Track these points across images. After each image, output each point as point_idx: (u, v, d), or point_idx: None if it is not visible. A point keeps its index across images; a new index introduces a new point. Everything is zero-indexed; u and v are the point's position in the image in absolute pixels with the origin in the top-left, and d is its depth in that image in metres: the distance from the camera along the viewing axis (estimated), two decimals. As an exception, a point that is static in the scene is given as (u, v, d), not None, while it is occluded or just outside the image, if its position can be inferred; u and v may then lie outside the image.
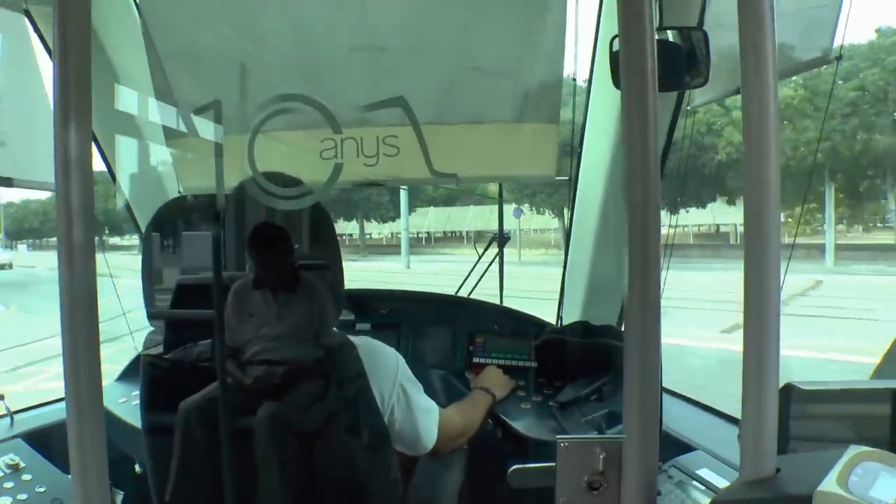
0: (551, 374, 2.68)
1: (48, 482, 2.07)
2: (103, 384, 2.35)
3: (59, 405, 2.48)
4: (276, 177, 1.98)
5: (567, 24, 2.44)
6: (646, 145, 1.09)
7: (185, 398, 1.89)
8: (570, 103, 3.01)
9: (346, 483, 1.92)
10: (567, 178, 2.95)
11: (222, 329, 1.91)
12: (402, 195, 12.28)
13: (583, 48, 2.71)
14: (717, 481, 1.84)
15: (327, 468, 1.90)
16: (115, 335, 2.40)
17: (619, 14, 1.12)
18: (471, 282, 3.16)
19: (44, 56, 2.23)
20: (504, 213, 3.43)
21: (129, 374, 2.72)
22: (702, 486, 1.85)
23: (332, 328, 1.97)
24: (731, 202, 26.95)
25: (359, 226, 31.35)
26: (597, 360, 2.52)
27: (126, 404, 2.46)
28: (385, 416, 1.90)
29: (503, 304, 3.07)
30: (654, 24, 2.09)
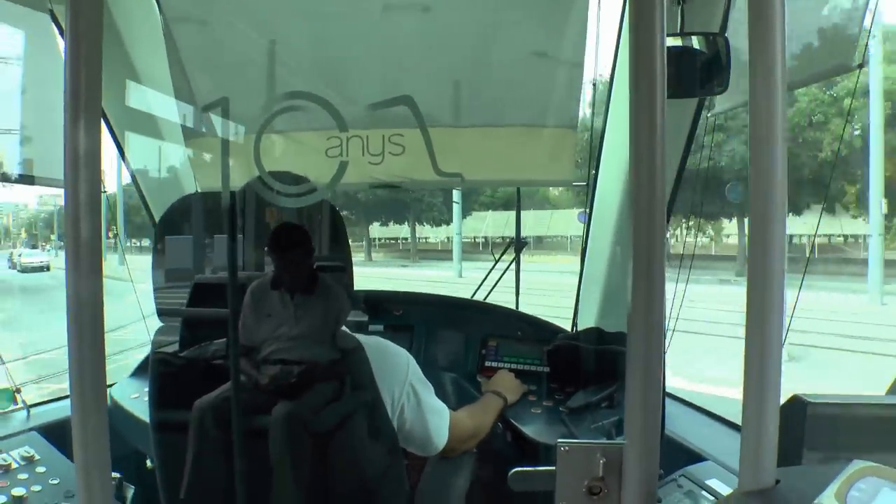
0: (563, 380, 2.67)
1: (62, 475, 2.09)
2: (118, 381, 2.37)
3: None
4: (283, 175, 1.98)
5: (589, 29, 2.43)
6: (652, 151, 1.08)
7: (195, 396, 1.90)
8: (591, 108, 3.00)
9: (354, 484, 1.92)
10: (584, 184, 2.95)
11: (236, 328, 1.92)
12: (455, 195, 11.47)
13: (604, 52, 2.71)
14: (727, 491, 1.83)
15: (337, 469, 1.91)
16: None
17: (629, 18, 1.11)
18: (488, 286, 3.17)
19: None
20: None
21: (142, 371, 2.74)
22: (711, 497, 1.83)
23: (343, 329, 1.97)
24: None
25: (410, 229, 29.59)
26: (608, 367, 2.50)
27: (139, 400, 2.49)
28: (395, 415, 1.90)
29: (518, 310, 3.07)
30: (673, 29, 2.11)
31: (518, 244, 3.23)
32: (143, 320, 2.42)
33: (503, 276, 3.18)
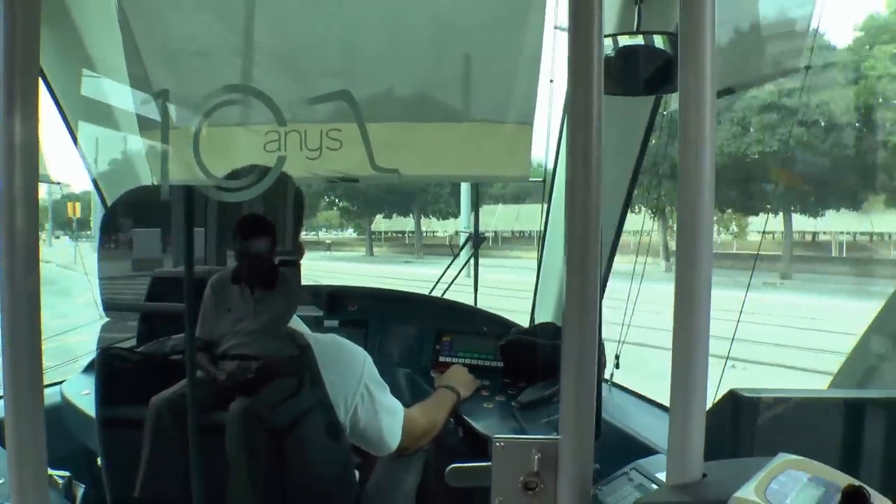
0: (516, 375, 2.68)
1: (6, 474, 2.05)
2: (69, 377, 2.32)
3: None
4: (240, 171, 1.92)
5: (546, 26, 2.44)
6: (588, 147, 1.08)
7: (152, 392, 1.88)
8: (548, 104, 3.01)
9: (306, 481, 1.92)
10: (541, 181, 2.96)
11: (193, 323, 1.91)
12: (463, 186, 11.18)
13: (561, 49, 2.71)
14: None
15: (291, 465, 1.90)
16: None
17: (568, 14, 1.12)
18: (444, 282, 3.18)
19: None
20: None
21: (93, 367, 2.70)
22: (661, 490, 1.85)
23: (292, 326, 1.96)
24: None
25: (415, 222, 28.26)
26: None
27: (90, 397, 2.45)
28: (348, 415, 1.90)
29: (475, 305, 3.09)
30: (630, 28, 2.13)
31: (476, 240, 3.25)
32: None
33: (457, 271, 3.19)
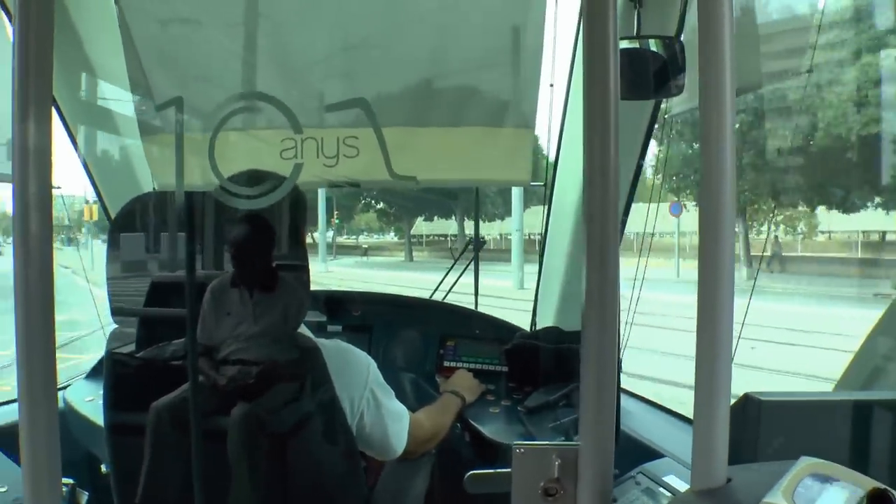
0: (521, 379, 2.68)
1: (10, 481, 2.03)
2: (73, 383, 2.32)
3: None
4: (238, 176, 1.94)
5: (546, 30, 2.44)
6: (606, 152, 1.08)
7: (153, 398, 1.88)
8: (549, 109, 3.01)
9: (312, 486, 1.91)
10: (542, 184, 2.97)
11: (194, 327, 1.90)
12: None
13: (562, 53, 2.72)
14: (684, 488, 1.85)
15: (295, 471, 1.90)
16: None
17: (583, 20, 1.12)
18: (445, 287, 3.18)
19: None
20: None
21: (97, 373, 2.69)
22: (669, 493, 1.85)
23: (300, 331, 1.96)
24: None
25: (458, 224, 24.13)
26: (566, 366, 2.52)
27: (93, 403, 2.44)
28: (355, 420, 1.89)
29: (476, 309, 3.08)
30: (630, 32, 2.14)
31: (476, 244, 3.26)
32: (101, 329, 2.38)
33: (458, 275, 3.19)
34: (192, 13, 2.33)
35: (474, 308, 3.11)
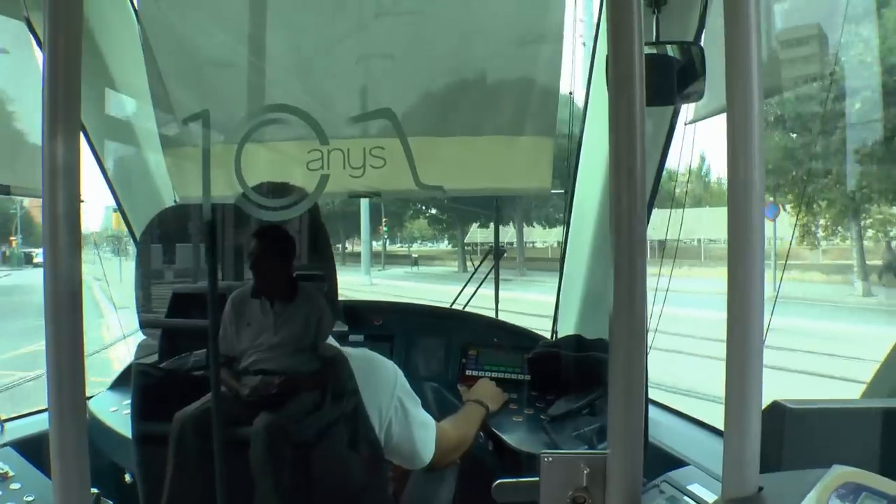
0: (544, 388, 2.67)
1: (37, 491, 2.04)
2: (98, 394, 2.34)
3: None
4: (262, 187, 1.95)
5: (564, 37, 2.44)
6: (633, 160, 1.08)
7: (178, 408, 1.89)
8: (567, 117, 3.01)
9: (336, 496, 1.91)
10: (563, 192, 2.97)
11: (216, 338, 1.91)
12: None
13: (580, 61, 2.73)
14: (709, 497, 1.83)
15: (320, 481, 1.90)
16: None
17: (607, 27, 1.12)
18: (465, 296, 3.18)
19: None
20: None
21: (121, 384, 2.71)
22: (693, 502, 1.84)
23: (326, 340, 1.97)
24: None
25: (517, 231, 23.04)
26: (589, 374, 2.51)
27: (117, 413, 2.45)
28: (383, 429, 1.89)
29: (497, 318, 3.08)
30: (649, 38, 2.13)
31: (497, 252, 3.25)
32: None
33: (478, 284, 3.19)
34: (213, 29, 2.36)
35: (495, 316, 3.11)
